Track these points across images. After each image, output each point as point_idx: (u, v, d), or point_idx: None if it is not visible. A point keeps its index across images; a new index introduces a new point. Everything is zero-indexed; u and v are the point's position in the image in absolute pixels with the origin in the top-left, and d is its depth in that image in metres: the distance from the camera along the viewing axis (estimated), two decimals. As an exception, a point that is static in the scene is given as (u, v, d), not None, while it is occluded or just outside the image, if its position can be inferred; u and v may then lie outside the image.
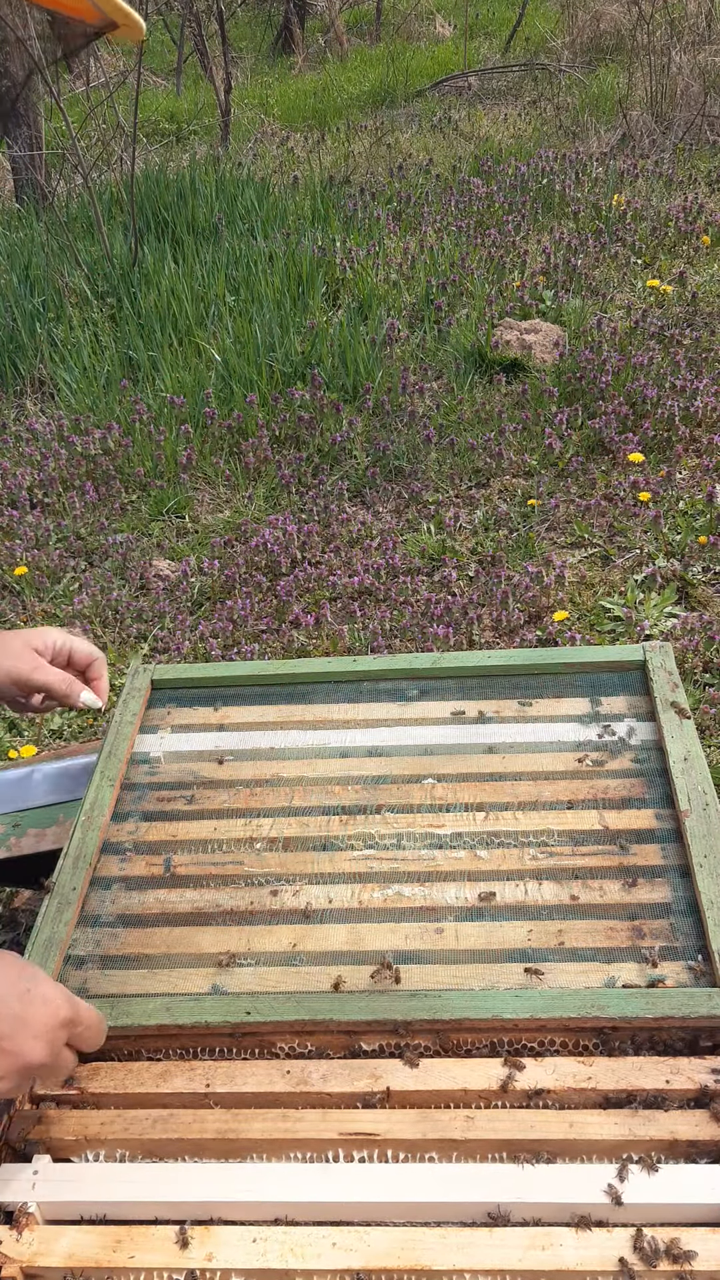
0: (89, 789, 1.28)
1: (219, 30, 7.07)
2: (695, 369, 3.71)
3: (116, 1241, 0.88)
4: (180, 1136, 0.95)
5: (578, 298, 4.31)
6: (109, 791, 1.27)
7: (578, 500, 3.23)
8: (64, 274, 4.78)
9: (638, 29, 6.47)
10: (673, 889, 1.11)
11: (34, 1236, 0.89)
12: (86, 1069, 1.02)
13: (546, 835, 1.18)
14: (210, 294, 4.50)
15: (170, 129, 7.71)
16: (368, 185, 5.74)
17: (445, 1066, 0.98)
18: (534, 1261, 0.84)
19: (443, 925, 1.10)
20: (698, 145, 5.86)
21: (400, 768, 1.28)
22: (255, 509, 3.42)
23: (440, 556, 3.10)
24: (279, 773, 1.30)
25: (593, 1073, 0.96)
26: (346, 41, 9.56)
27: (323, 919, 1.12)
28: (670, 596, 2.84)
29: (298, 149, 6.86)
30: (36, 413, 4.10)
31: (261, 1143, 0.94)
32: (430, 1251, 0.86)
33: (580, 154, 5.73)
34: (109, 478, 3.59)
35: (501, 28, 9.15)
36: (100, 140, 6.19)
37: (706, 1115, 0.92)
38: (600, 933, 1.07)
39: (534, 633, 2.76)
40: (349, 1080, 0.98)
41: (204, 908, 1.15)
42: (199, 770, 1.31)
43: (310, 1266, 0.86)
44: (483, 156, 5.92)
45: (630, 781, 1.23)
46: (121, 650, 2.91)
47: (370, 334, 4.14)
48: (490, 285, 4.46)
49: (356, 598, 2.98)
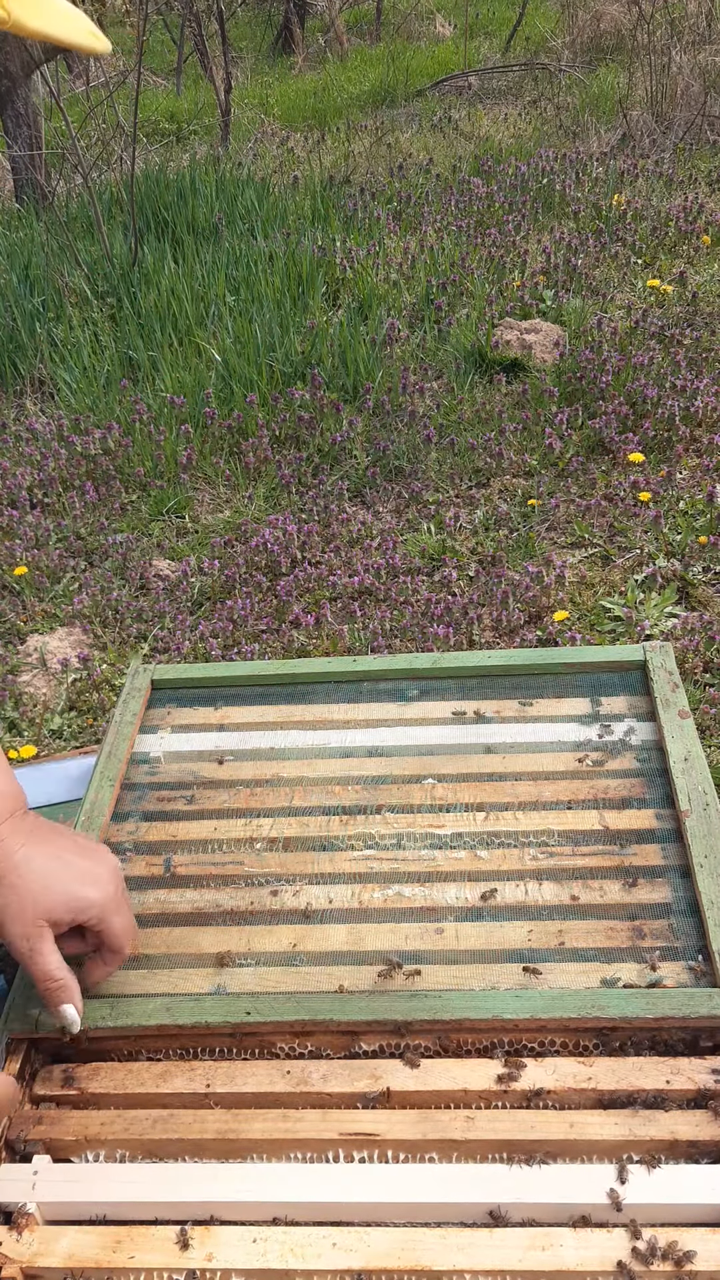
0: (89, 789, 1.28)
1: (219, 30, 7.07)
2: (695, 369, 3.71)
3: (116, 1242, 0.88)
4: (180, 1136, 0.95)
5: (578, 298, 4.31)
6: (109, 791, 1.27)
7: (578, 500, 3.23)
8: (64, 274, 4.78)
9: (638, 29, 6.47)
10: (673, 889, 1.11)
11: (34, 1237, 0.89)
12: (87, 1069, 1.02)
13: (546, 835, 1.18)
14: (210, 294, 4.50)
15: (170, 129, 7.71)
16: (368, 185, 5.75)
17: (445, 1066, 0.98)
18: (534, 1262, 0.84)
19: (443, 925, 1.10)
20: (698, 145, 5.86)
21: (400, 768, 1.28)
22: (255, 509, 3.42)
23: (440, 556, 3.10)
24: (279, 773, 1.30)
25: (593, 1073, 0.96)
26: (346, 41, 9.56)
27: (323, 919, 1.12)
28: (670, 596, 2.84)
29: (298, 149, 6.86)
30: (36, 412, 4.10)
31: (262, 1143, 0.94)
32: (430, 1252, 0.86)
33: (580, 154, 5.73)
34: (109, 478, 3.59)
35: (501, 27, 9.15)
36: (100, 140, 6.19)
37: (707, 1115, 0.92)
38: (600, 933, 1.07)
39: (534, 633, 2.76)
40: (349, 1080, 0.98)
41: (204, 908, 1.15)
42: (199, 770, 1.31)
43: (310, 1266, 0.86)
44: (483, 156, 5.92)
45: (630, 781, 1.23)
46: (121, 650, 2.91)
47: (370, 334, 4.14)
48: (490, 285, 4.46)
49: (356, 598, 2.98)
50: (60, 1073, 1.02)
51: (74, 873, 0.98)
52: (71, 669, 2.84)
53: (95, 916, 0.99)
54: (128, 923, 1.03)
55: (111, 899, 1.00)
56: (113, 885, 1.01)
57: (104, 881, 1.00)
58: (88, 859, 1.01)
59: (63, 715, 2.71)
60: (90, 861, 1.00)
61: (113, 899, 1.00)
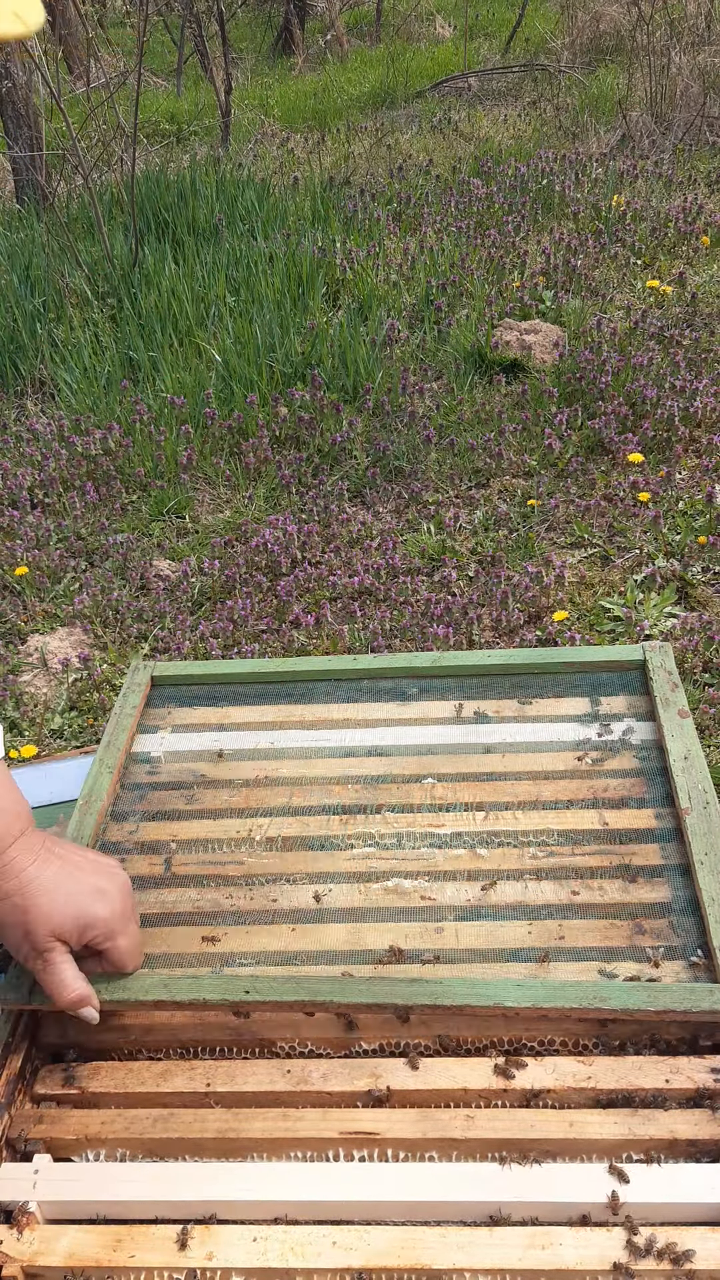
0: (87, 776, 1.29)
1: (219, 31, 7.08)
2: (695, 369, 3.72)
3: (117, 1241, 0.89)
4: (181, 1136, 0.95)
5: (577, 298, 4.32)
6: (108, 778, 1.28)
7: (577, 500, 3.24)
8: (64, 274, 4.78)
9: (637, 30, 6.48)
10: (673, 888, 1.11)
11: (34, 1236, 0.89)
12: (87, 1068, 1.02)
13: (546, 834, 1.18)
14: (210, 294, 4.51)
15: (170, 130, 7.71)
16: (368, 186, 5.75)
17: (445, 1065, 0.98)
18: (534, 1261, 0.84)
19: (443, 925, 1.10)
20: (697, 146, 5.86)
21: (400, 767, 1.28)
22: (255, 509, 3.42)
23: (440, 556, 3.10)
24: (279, 772, 1.30)
25: (592, 1072, 0.96)
26: (347, 42, 9.57)
27: (323, 918, 1.12)
28: (670, 596, 2.84)
29: (298, 150, 6.86)
30: (37, 413, 4.10)
31: (262, 1142, 0.94)
32: (430, 1251, 0.86)
33: (580, 154, 5.73)
34: (109, 478, 3.60)
35: (501, 28, 9.15)
36: (100, 141, 6.19)
37: (706, 1114, 0.92)
38: (600, 931, 1.07)
39: (534, 633, 2.76)
40: (349, 1079, 0.98)
41: (204, 907, 1.15)
42: (199, 769, 1.32)
43: (310, 1266, 0.86)
44: (482, 157, 5.92)
45: (629, 781, 1.23)
46: (122, 650, 2.91)
47: (370, 334, 4.14)
48: (490, 286, 4.46)
49: (356, 598, 2.98)
50: (61, 1072, 1.02)
51: (84, 889, 0.99)
52: (72, 669, 2.84)
53: (102, 934, 0.99)
54: (133, 943, 1.03)
55: (119, 916, 1.00)
56: (120, 903, 1.01)
57: (112, 898, 1.00)
58: (97, 875, 1.01)
59: (63, 715, 2.71)
60: (100, 878, 1.01)
61: (120, 917, 1.00)
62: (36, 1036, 1.05)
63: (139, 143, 6.09)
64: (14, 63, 5.13)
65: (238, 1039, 1.03)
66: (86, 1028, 1.03)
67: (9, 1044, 1.02)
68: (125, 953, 1.02)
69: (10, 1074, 1.00)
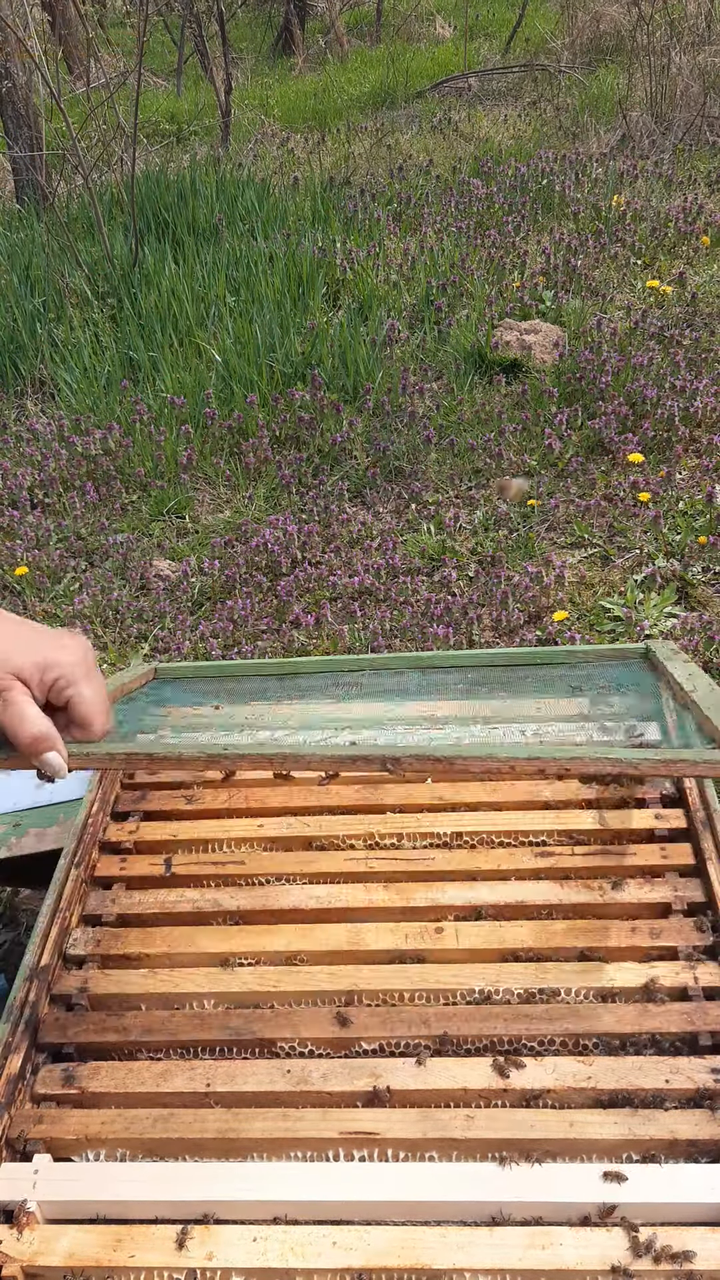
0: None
1: (219, 31, 7.08)
2: (695, 369, 3.71)
3: (117, 1241, 0.89)
4: (180, 1136, 0.95)
5: (577, 298, 4.32)
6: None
7: (577, 500, 3.24)
8: (64, 274, 4.78)
9: (637, 30, 6.48)
10: (673, 888, 1.11)
11: (34, 1235, 0.89)
12: (87, 1068, 1.02)
13: (546, 835, 1.18)
14: (210, 295, 4.51)
15: (170, 130, 7.71)
16: (368, 186, 5.75)
17: (445, 1065, 0.98)
18: (534, 1261, 0.84)
19: (443, 925, 1.10)
20: (697, 146, 5.86)
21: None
22: (255, 509, 3.42)
23: (440, 556, 3.10)
24: (279, 771, 1.30)
25: (592, 1072, 0.96)
26: (347, 43, 9.56)
27: (323, 919, 1.12)
28: (670, 596, 2.84)
29: (298, 150, 6.86)
30: (37, 413, 4.10)
31: (262, 1142, 0.94)
32: (430, 1250, 0.86)
33: (580, 155, 5.73)
34: (109, 478, 3.60)
35: (501, 29, 9.15)
36: (100, 141, 6.19)
37: (706, 1115, 0.92)
38: (600, 931, 1.07)
39: (534, 633, 2.76)
40: (349, 1079, 0.98)
41: (204, 908, 1.15)
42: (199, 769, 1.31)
43: (310, 1265, 0.86)
44: (483, 157, 5.92)
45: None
46: (122, 650, 2.91)
47: (370, 334, 4.14)
48: (490, 286, 4.46)
49: (356, 598, 2.98)
50: (61, 1072, 1.02)
51: (43, 638, 0.93)
52: (72, 669, 2.83)
53: (64, 678, 0.92)
54: (99, 694, 0.94)
55: (81, 664, 0.93)
56: (82, 654, 0.94)
57: (73, 649, 0.93)
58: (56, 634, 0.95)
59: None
60: (61, 636, 0.94)
61: (82, 665, 0.93)
62: (36, 1036, 1.05)
63: (139, 143, 6.09)
64: (14, 63, 5.13)
65: (237, 1039, 1.03)
66: (87, 1028, 1.03)
67: (9, 1044, 1.02)
68: (91, 702, 0.92)
69: (10, 1074, 1.00)
